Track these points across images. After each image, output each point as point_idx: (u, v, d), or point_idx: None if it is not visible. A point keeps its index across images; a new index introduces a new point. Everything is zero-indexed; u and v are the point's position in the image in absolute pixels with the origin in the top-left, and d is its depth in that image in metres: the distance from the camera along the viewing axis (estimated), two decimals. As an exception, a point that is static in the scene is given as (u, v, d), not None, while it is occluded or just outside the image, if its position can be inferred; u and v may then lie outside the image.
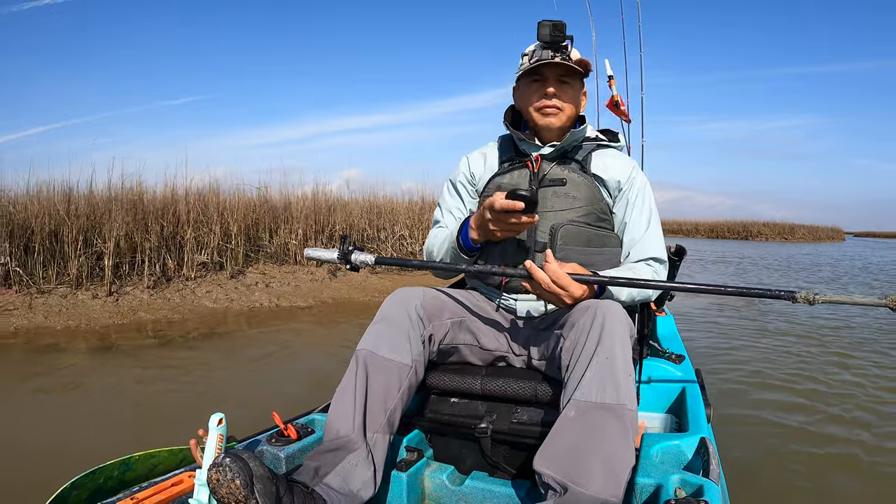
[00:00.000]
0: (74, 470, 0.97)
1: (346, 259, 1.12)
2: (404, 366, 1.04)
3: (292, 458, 1.08)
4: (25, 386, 2.79)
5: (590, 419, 0.87)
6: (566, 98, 1.22)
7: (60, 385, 2.81)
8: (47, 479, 1.10)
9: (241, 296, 5.20)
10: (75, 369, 3.05)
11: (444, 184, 1.39)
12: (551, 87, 1.20)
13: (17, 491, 1.67)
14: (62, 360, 3.20)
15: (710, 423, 1.25)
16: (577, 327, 0.97)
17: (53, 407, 2.54)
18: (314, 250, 1.16)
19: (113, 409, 2.49)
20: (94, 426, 2.28)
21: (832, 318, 5.02)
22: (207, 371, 3.07)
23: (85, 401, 2.59)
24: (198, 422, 0.94)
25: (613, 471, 0.83)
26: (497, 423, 1.10)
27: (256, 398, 2.57)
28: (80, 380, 2.88)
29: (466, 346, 1.19)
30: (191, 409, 2.46)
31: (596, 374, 0.89)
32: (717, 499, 0.82)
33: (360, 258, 1.12)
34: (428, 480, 1.09)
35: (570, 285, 1.00)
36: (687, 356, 1.69)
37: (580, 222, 1.18)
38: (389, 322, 1.07)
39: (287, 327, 4.30)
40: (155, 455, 1.08)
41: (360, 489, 0.95)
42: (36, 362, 3.19)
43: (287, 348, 3.60)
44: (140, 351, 3.47)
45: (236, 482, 0.77)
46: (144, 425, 2.28)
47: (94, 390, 2.73)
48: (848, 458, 2.06)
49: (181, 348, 3.57)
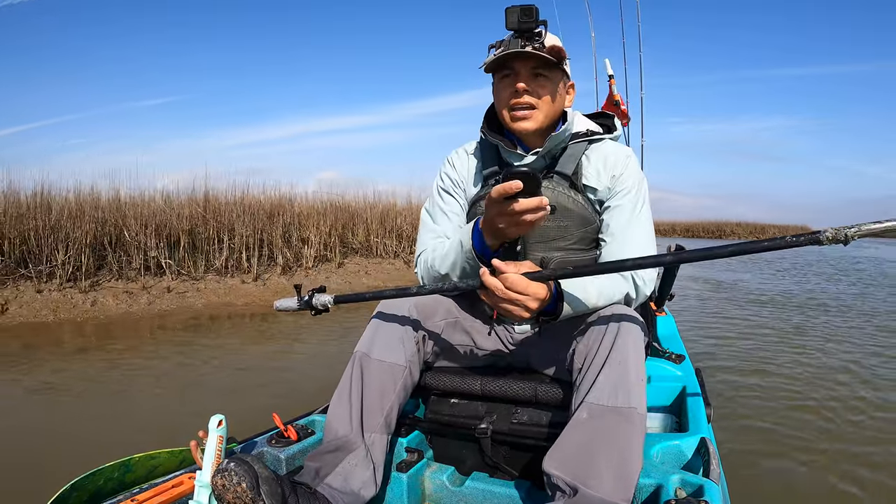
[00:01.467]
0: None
1: (308, 304, 1.11)
2: (398, 366, 1.05)
3: (292, 459, 1.08)
4: (261, 336, 4.27)
5: (602, 422, 0.86)
6: (543, 93, 1.06)
7: (282, 334, 4.31)
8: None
9: (354, 279, 7.06)
10: (288, 325, 4.51)
11: (433, 186, 1.25)
12: (522, 81, 1.05)
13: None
14: (278, 322, 4.68)
15: (710, 422, 1.25)
16: (591, 330, 0.96)
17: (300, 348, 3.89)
18: (281, 302, 1.15)
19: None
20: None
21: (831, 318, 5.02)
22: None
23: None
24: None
25: (624, 474, 0.82)
26: (497, 424, 1.10)
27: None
28: (297, 334, 4.30)
29: (462, 346, 1.19)
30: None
31: (609, 378, 0.88)
32: (717, 499, 0.82)
33: (321, 301, 1.11)
34: (428, 481, 1.09)
35: (528, 287, 0.86)
36: (687, 356, 1.69)
37: (573, 249, 1.09)
38: (383, 324, 1.08)
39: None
40: (155, 456, 1.08)
41: (360, 488, 0.96)
42: (259, 325, 4.69)
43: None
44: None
45: (242, 485, 0.77)
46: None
47: (310, 340, 4.06)
48: (848, 458, 2.06)
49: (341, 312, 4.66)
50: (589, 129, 1.15)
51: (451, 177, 1.21)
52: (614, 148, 1.14)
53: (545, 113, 1.08)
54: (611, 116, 1.23)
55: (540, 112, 1.07)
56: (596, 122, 1.21)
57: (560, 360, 1.07)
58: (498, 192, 0.86)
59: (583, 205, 1.09)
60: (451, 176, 1.21)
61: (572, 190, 1.10)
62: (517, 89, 1.05)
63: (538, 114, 1.07)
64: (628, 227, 1.07)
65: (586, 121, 1.18)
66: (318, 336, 4.11)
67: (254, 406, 2.46)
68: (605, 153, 1.12)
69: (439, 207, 1.20)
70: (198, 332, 4.32)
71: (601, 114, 1.24)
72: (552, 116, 1.10)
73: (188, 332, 4.34)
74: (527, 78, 1.05)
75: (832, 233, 0.69)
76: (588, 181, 1.10)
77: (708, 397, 1.35)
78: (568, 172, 1.10)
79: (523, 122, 1.07)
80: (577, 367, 0.95)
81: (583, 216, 1.09)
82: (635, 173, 1.11)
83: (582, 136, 1.13)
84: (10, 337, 4.08)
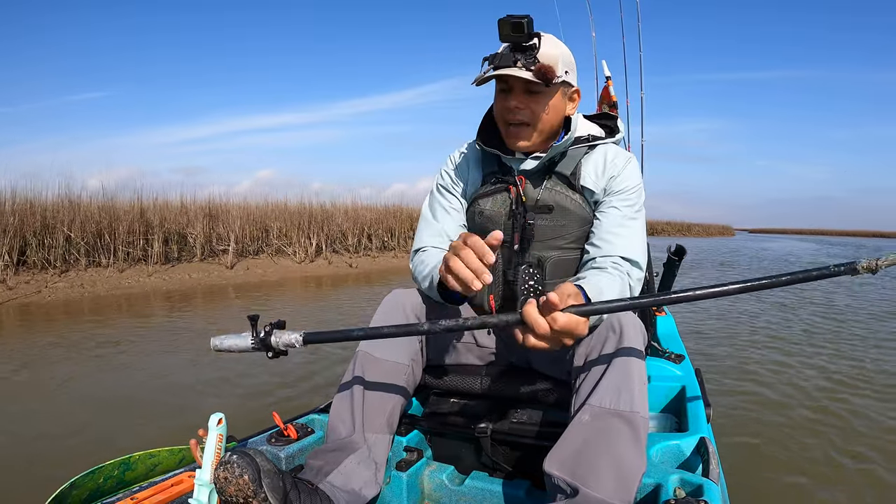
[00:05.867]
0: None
1: (263, 344, 0.87)
2: (400, 366, 1.05)
3: (292, 457, 1.08)
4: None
5: (604, 424, 0.86)
6: (537, 109, 1.05)
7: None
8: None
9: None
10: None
11: (433, 184, 1.26)
12: (515, 98, 1.04)
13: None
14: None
15: (709, 422, 1.25)
16: (592, 332, 0.95)
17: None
18: (222, 339, 0.88)
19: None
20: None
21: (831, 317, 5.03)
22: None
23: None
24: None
25: (625, 476, 0.82)
26: (497, 424, 1.10)
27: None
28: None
29: (464, 345, 1.19)
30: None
31: (612, 381, 0.88)
32: (716, 499, 0.82)
33: (284, 340, 0.87)
34: (428, 481, 1.09)
35: (577, 327, 0.76)
36: (687, 356, 1.70)
37: (570, 248, 1.11)
38: (385, 323, 1.06)
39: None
40: (155, 455, 1.08)
41: (362, 488, 0.96)
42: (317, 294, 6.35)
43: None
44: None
45: (245, 477, 0.77)
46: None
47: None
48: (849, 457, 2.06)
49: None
50: (590, 133, 1.15)
51: (451, 175, 1.22)
52: (615, 151, 1.14)
53: (539, 130, 1.07)
54: (613, 118, 1.23)
55: (533, 129, 1.07)
56: (598, 123, 1.21)
57: (561, 361, 1.07)
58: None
59: (580, 205, 1.10)
60: (451, 174, 1.22)
61: (570, 190, 1.10)
62: (510, 107, 1.05)
63: (531, 132, 1.07)
64: (619, 228, 1.07)
65: (588, 124, 1.18)
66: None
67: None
68: (605, 155, 1.13)
69: (439, 204, 1.21)
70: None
71: (604, 115, 1.24)
72: (548, 131, 1.09)
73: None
74: (520, 94, 1.04)
75: (866, 262, 0.72)
76: (585, 182, 1.11)
77: (707, 397, 1.35)
78: (566, 173, 1.11)
79: (517, 140, 1.08)
80: (578, 369, 0.95)
81: (580, 216, 1.10)
82: (633, 176, 1.11)
83: (583, 141, 1.13)
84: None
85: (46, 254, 6.41)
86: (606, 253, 1.05)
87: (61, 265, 6.49)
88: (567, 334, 0.76)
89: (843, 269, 0.73)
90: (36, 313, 4.97)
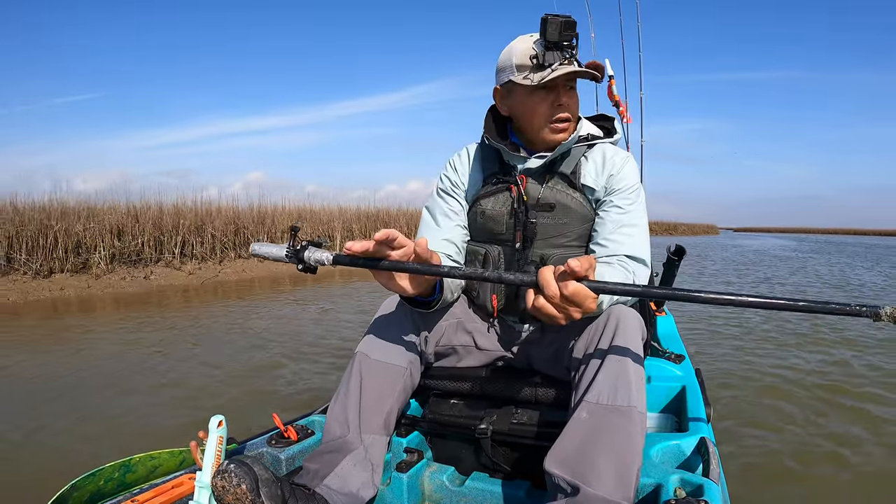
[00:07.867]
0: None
1: (296, 257, 0.91)
2: (398, 368, 1.05)
3: (292, 459, 1.08)
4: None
5: (602, 421, 0.86)
6: (575, 105, 1.10)
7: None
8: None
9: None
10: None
11: (434, 187, 1.26)
12: (564, 97, 1.07)
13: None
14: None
15: (709, 422, 1.25)
16: (589, 329, 0.96)
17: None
18: (261, 246, 0.95)
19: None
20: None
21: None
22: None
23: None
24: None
25: (625, 473, 0.82)
26: (497, 424, 1.10)
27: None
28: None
29: (464, 346, 1.19)
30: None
31: (609, 377, 0.88)
32: (717, 498, 0.82)
33: (315, 256, 0.90)
34: (428, 482, 1.09)
35: (585, 300, 0.77)
36: (687, 356, 1.70)
37: (572, 246, 1.13)
38: (384, 325, 1.07)
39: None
40: (155, 457, 1.08)
41: (359, 489, 0.96)
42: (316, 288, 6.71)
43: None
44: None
45: (242, 487, 0.77)
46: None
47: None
48: (849, 457, 2.06)
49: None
50: (590, 133, 1.18)
51: (451, 178, 1.22)
52: (613, 149, 1.17)
53: (575, 123, 1.12)
54: (611, 119, 1.24)
55: (573, 123, 1.11)
56: (596, 124, 1.23)
57: (560, 360, 1.07)
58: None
59: (581, 203, 1.12)
60: (451, 178, 1.22)
61: (571, 188, 1.12)
62: (561, 104, 1.07)
63: (571, 125, 1.11)
64: (624, 227, 1.09)
65: (589, 124, 1.20)
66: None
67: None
68: (604, 154, 1.15)
69: (440, 208, 1.21)
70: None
71: (601, 116, 1.26)
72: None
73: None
74: (566, 93, 1.08)
75: (890, 310, 0.68)
76: (586, 181, 1.13)
77: (707, 397, 1.35)
78: (567, 172, 1.13)
79: (562, 133, 1.10)
80: (577, 366, 0.96)
81: (582, 214, 1.12)
82: (632, 175, 1.13)
83: (583, 140, 1.15)
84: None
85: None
86: (612, 252, 1.07)
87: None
88: (575, 304, 0.77)
89: (864, 311, 0.69)
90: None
